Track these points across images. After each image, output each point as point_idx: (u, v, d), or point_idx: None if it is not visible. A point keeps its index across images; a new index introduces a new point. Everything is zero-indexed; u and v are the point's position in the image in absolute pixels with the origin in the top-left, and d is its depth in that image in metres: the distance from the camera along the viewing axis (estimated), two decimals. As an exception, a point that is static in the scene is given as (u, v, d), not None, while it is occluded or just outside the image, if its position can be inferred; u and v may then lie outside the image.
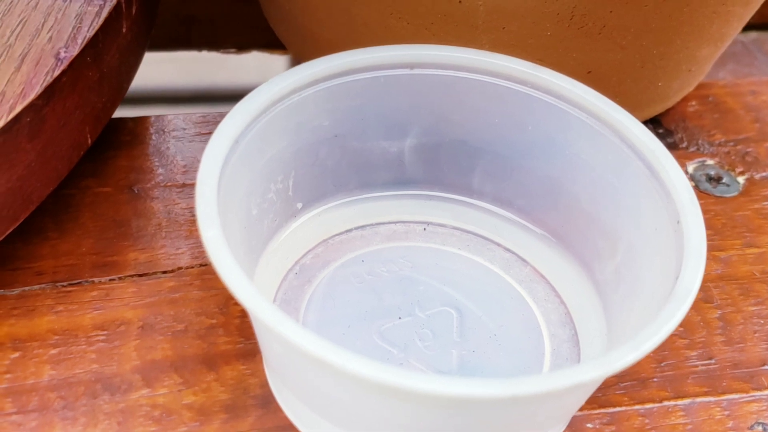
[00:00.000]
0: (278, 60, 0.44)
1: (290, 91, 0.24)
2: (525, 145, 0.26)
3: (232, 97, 0.26)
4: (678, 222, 0.22)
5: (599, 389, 0.25)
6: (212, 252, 0.20)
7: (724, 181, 0.31)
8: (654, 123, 0.33)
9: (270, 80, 0.24)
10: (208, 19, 0.41)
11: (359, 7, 0.28)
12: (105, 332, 0.25)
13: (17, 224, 0.24)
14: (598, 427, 0.24)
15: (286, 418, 0.24)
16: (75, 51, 0.25)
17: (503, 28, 0.27)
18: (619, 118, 0.24)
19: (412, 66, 0.25)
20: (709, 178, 0.31)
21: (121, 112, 0.31)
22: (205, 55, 0.42)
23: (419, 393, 0.18)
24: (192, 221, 0.28)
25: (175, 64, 0.44)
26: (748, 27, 0.42)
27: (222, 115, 0.28)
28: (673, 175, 0.23)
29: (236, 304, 0.26)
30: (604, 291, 0.25)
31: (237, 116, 0.23)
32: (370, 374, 0.18)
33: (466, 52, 0.25)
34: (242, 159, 0.23)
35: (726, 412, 0.25)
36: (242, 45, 0.42)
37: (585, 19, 0.26)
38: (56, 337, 0.25)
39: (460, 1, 0.26)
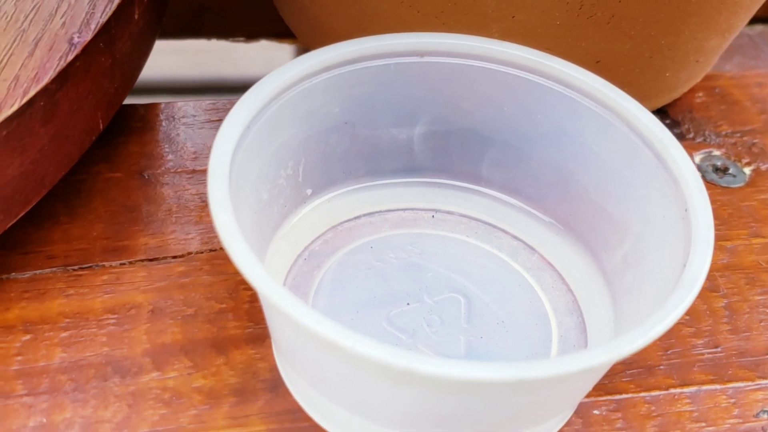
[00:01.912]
0: (287, 49, 0.44)
1: (301, 78, 0.24)
2: (534, 134, 0.26)
3: (240, 87, 0.27)
4: (686, 210, 0.22)
5: (606, 376, 0.25)
6: (224, 235, 0.20)
7: (730, 171, 0.31)
8: (661, 114, 0.33)
9: (281, 67, 0.24)
10: (218, 8, 0.41)
11: (370, -5, 0.28)
12: (115, 316, 0.25)
13: (29, 208, 0.25)
14: (604, 413, 0.24)
15: (294, 402, 0.24)
16: (88, 36, 0.25)
17: (513, 17, 0.27)
18: (628, 107, 0.24)
19: (422, 54, 0.25)
20: (716, 169, 0.31)
21: (130, 102, 0.31)
22: (215, 44, 0.42)
23: (429, 376, 0.18)
24: (202, 207, 0.28)
25: (185, 54, 0.44)
26: (755, 20, 0.42)
27: (232, 103, 0.28)
28: (681, 163, 0.23)
29: (246, 288, 0.26)
30: (612, 279, 0.25)
31: (248, 103, 0.23)
32: (380, 357, 0.18)
33: (476, 41, 0.25)
34: (253, 145, 0.23)
35: (732, 400, 0.25)
36: (251, 34, 0.42)
37: (594, 8, 0.26)
38: (67, 320, 0.25)
39: (470, -10, 0.26)
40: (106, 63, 0.26)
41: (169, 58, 0.43)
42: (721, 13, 0.28)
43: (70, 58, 0.24)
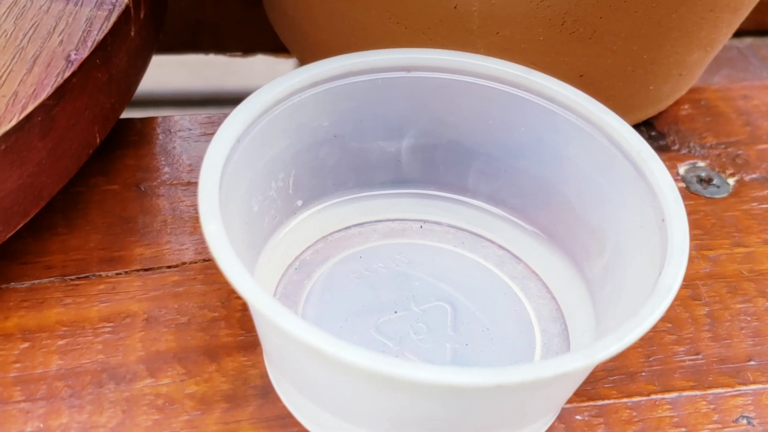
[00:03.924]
0: (283, 63, 0.45)
1: (291, 93, 0.25)
2: (517, 146, 0.27)
3: (239, 100, 0.27)
4: (663, 220, 0.23)
5: (588, 382, 0.26)
6: (213, 246, 0.21)
7: (714, 182, 0.32)
8: (647, 126, 0.34)
9: (271, 82, 0.25)
10: (216, 23, 0.42)
11: (359, 12, 0.29)
12: (111, 324, 0.26)
13: (28, 219, 0.25)
14: (587, 419, 0.25)
15: (284, 408, 0.24)
16: (85, 53, 0.26)
17: (497, 33, 0.27)
18: (608, 120, 0.25)
19: (408, 69, 0.26)
20: (700, 180, 0.32)
21: (130, 114, 0.32)
22: (213, 58, 0.43)
23: (410, 382, 0.19)
24: (196, 218, 0.29)
25: (184, 67, 0.45)
26: (743, 33, 0.42)
27: (227, 116, 0.28)
28: (658, 174, 0.24)
29: (237, 297, 0.27)
30: (593, 287, 0.26)
31: (239, 116, 0.24)
32: (362, 363, 0.19)
33: (461, 56, 0.26)
34: (244, 157, 0.24)
35: (712, 406, 0.25)
36: (248, 49, 0.43)
37: (576, 24, 0.27)
38: (64, 329, 0.26)
39: (455, 7, 0.27)
40: (102, 79, 0.27)
41: (169, 72, 0.44)
42: (702, 28, 0.28)
43: (67, 74, 0.25)
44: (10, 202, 0.24)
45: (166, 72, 0.41)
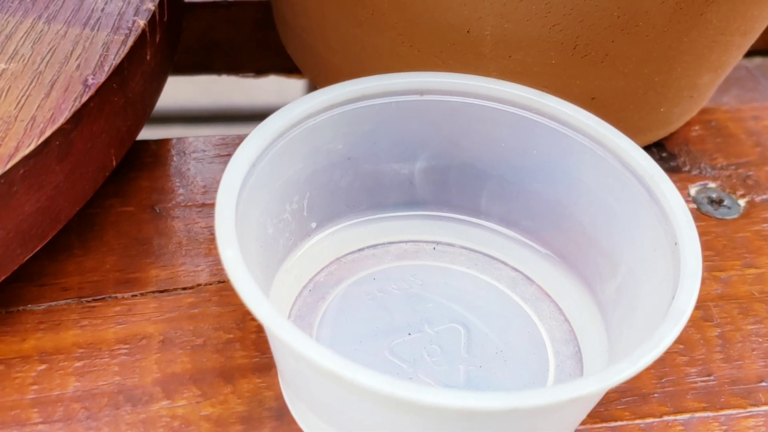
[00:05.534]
0: (295, 84, 0.45)
1: (306, 116, 0.25)
2: (530, 169, 0.27)
3: (250, 117, 0.27)
4: (675, 244, 0.23)
5: (601, 404, 0.26)
6: (230, 270, 0.21)
7: (725, 203, 0.32)
8: (658, 147, 0.34)
9: (286, 105, 0.25)
10: (229, 45, 0.42)
11: (372, 35, 0.29)
12: (127, 346, 0.26)
13: (45, 242, 0.26)
14: (599, 440, 0.25)
15: (299, 430, 0.25)
16: (102, 78, 0.26)
17: (509, 56, 0.28)
18: (620, 144, 0.25)
19: (422, 92, 0.26)
20: (711, 201, 0.32)
21: (144, 132, 0.32)
22: (225, 78, 0.43)
23: (425, 405, 0.19)
24: (211, 239, 0.29)
25: (197, 85, 0.45)
26: (753, 53, 0.43)
27: (240, 138, 0.29)
28: (671, 198, 0.24)
29: (253, 319, 0.27)
30: (606, 309, 0.26)
31: (254, 140, 0.24)
32: (380, 388, 0.19)
33: (473, 80, 0.26)
34: (259, 181, 0.24)
35: (724, 427, 0.26)
36: (261, 69, 0.43)
37: (588, 48, 0.27)
38: (81, 350, 0.26)
39: (468, 31, 0.27)
40: (119, 103, 0.27)
41: (183, 90, 0.44)
42: (713, 51, 0.29)
43: (85, 99, 0.25)
44: (28, 225, 0.25)
45: (180, 90, 0.42)
